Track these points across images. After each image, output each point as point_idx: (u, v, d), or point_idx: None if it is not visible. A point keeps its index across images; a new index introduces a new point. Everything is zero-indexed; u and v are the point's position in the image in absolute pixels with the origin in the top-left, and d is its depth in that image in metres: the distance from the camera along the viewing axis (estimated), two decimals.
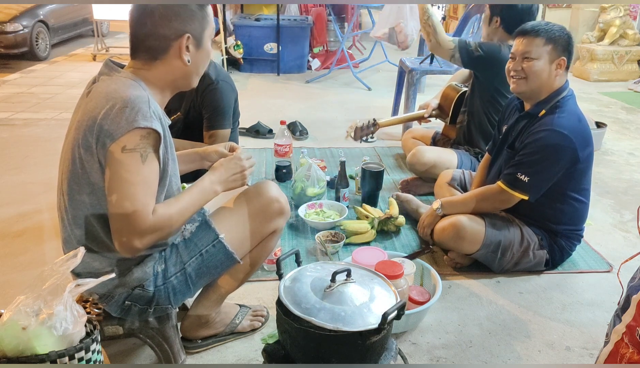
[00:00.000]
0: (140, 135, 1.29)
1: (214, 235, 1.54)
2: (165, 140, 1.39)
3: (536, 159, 2.04)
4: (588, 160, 2.13)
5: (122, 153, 1.28)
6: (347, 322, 1.21)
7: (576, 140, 2.03)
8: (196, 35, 1.40)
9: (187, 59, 1.41)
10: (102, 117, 1.29)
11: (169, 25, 1.36)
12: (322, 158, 3.42)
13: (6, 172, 3.20)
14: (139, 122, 1.28)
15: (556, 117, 2.05)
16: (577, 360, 1.78)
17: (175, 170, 1.51)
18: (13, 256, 2.30)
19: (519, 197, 2.09)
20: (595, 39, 6.45)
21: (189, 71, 1.44)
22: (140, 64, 1.41)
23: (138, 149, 1.29)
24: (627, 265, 1.48)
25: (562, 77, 2.11)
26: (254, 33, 6.14)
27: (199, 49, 1.43)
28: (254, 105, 4.67)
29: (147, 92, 1.37)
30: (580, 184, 2.16)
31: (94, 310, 1.55)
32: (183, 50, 1.39)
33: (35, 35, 6.81)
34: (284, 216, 1.65)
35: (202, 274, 1.56)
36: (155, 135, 1.32)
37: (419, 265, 2.09)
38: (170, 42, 1.38)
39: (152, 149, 1.32)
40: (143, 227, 1.30)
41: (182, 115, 2.59)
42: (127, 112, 1.28)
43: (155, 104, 1.36)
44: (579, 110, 2.13)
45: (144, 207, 1.30)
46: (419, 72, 4.00)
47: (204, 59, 1.47)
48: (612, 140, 4.07)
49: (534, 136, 2.06)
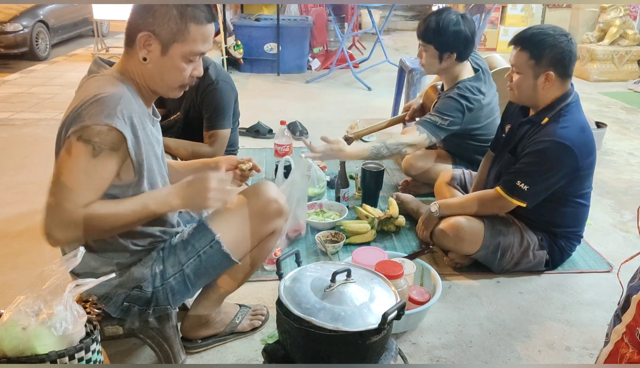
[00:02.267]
0: (99, 130, 1.28)
1: (211, 236, 1.54)
2: (138, 141, 1.37)
3: (537, 168, 2.02)
4: (590, 167, 2.11)
5: (76, 141, 1.28)
6: (347, 322, 1.21)
7: (578, 152, 1.99)
8: (162, 40, 1.36)
9: (143, 56, 1.38)
10: (73, 111, 1.31)
11: (141, 16, 1.36)
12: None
13: (6, 172, 3.20)
14: (101, 119, 1.28)
15: (559, 126, 2.00)
16: (577, 360, 1.78)
17: (161, 169, 1.51)
18: (13, 256, 2.31)
19: (516, 204, 2.08)
20: (595, 39, 6.45)
21: (150, 72, 1.40)
22: (124, 53, 1.43)
23: (92, 142, 1.28)
24: (627, 265, 1.47)
25: (557, 87, 2.04)
26: (254, 33, 6.14)
27: (163, 56, 1.38)
28: (254, 105, 4.67)
29: (126, 90, 1.37)
30: (582, 188, 2.14)
31: (94, 310, 1.55)
32: (139, 45, 1.37)
33: (35, 35, 6.81)
34: (282, 216, 1.64)
35: (200, 275, 1.56)
36: (117, 134, 1.30)
37: (419, 265, 2.08)
38: (137, 32, 1.37)
39: (109, 147, 1.30)
40: (67, 218, 1.26)
41: (182, 115, 2.59)
42: (93, 107, 1.29)
43: (129, 104, 1.35)
44: (583, 117, 2.08)
45: (76, 197, 1.27)
46: (419, 72, 3.99)
47: (167, 70, 1.40)
48: (612, 140, 4.07)
49: (536, 146, 2.02)
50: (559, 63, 2.01)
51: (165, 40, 1.37)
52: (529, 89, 2.06)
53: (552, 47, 1.99)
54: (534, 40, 2.01)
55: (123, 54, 1.43)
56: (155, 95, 1.49)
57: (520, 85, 2.07)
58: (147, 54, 1.38)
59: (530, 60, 2.02)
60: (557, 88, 2.05)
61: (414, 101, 3.26)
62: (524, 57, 2.03)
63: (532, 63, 2.02)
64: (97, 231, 1.34)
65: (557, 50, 2.00)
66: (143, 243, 1.49)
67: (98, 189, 1.32)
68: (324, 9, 6.65)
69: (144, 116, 1.43)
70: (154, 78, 1.42)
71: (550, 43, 2.00)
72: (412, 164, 2.86)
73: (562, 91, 2.06)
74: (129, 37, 1.39)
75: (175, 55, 1.39)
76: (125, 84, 1.39)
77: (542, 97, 2.07)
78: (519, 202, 2.07)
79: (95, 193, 1.31)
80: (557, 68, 2.01)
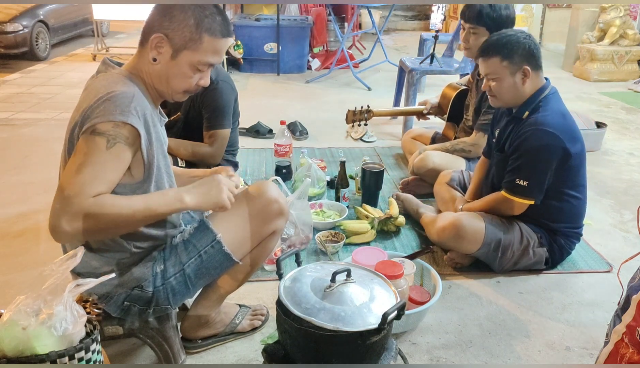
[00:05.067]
0: (114, 125, 1.29)
1: (212, 236, 1.54)
2: (150, 138, 1.38)
3: (528, 161, 2.06)
4: (580, 156, 2.14)
5: (89, 134, 1.28)
6: (347, 322, 1.21)
7: (562, 136, 2.04)
8: (173, 44, 1.38)
9: (153, 57, 1.40)
10: (85, 110, 1.31)
11: (157, 18, 1.38)
12: (322, 158, 3.42)
13: (6, 172, 3.20)
14: (115, 116, 1.28)
15: (539, 115, 2.08)
16: (577, 360, 1.78)
17: (168, 169, 1.51)
18: (13, 256, 2.31)
19: (524, 202, 2.10)
20: (595, 39, 6.44)
21: (158, 74, 1.42)
22: (137, 51, 1.44)
23: (107, 134, 1.28)
24: (627, 265, 1.48)
25: (535, 80, 2.12)
26: (254, 33, 6.14)
27: (172, 60, 1.40)
28: (254, 105, 4.67)
29: (136, 89, 1.37)
30: (575, 181, 2.17)
31: (94, 310, 1.55)
32: (151, 46, 1.39)
33: (35, 35, 6.81)
34: (283, 217, 1.64)
35: (201, 275, 1.56)
36: (131, 130, 1.31)
37: (419, 265, 2.09)
38: (151, 33, 1.38)
39: (124, 141, 1.30)
40: (76, 207, 1.22)
41: (182, 115, 2.59)
42: (107, 105, 1.29)
43: (142, 102, 1.36)
44: (562, 106, 2.15)
45: (86, 187, 1.24)
46: (419, 72, 4.00)
47: (174, 75, 1.42)
48: (612, 140, 4.07)
49: (521, 138, 2.09)
50: (530, 56, 2.09)
51: (176, 46, 1.38)
52: (510, 89, 2.13)
53: (518, 44, 2.09)
54: (500, 44, 2.10)
55: (136, 52, 1.45)
56: (159, 97, 1.50)
57: (500, 89, 2.14)
58: (158, 55, 1.40)
59: (502, 62, 2.09)
60: (533, 82, 2.12)
61: (430, 98, 3.32)
62: (496, 62, 2.11)
63: (506, 63, 2.09)
64: (104, 224, 1.27)
65: (524, 45, 2.09)
66: (145, 245, 1.49)
67: (109, 182, 1.30)
68: (324, 9, 6.65)
69: (154, 114, 1.44)
70: (160, 80, 1.43)
71: (515, 41, 2.09)
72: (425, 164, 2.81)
73: (538, 84, 2.14)
74: (143, 36, 1.41)
75: (184, 62, 1.40)
76: (135, 83, 1.40)
77: (522, 94, 2.14)
78: (525, 201, 2.10)
79: (106, 186, 1.29)
80: (529, 61, 2.09)
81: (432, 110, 3.23)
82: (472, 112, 2.87)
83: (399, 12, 10.44)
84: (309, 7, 6.96)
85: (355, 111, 3.25)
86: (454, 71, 4.06)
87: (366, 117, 3.25)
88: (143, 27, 1.42)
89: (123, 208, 1.29)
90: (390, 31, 9.92)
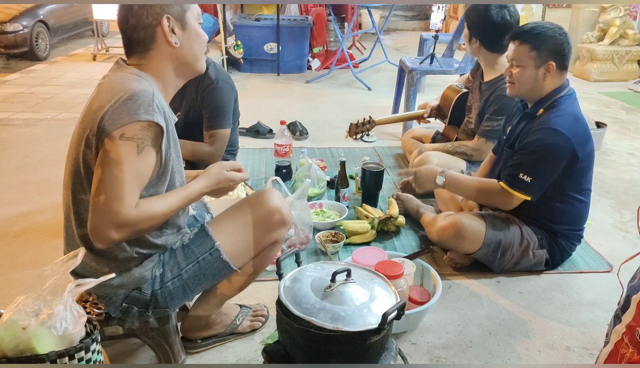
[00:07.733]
0: (141, 126, 1.29)
1: (211, 243, 1.52)
2: (169, 136, 1.38)
3: (535, 158, 2.05)
4: (588, 160, 2.13)
5: (118, 140, 1.27)
6: (347, 322, 1.21)
7: (573, 139, 2.03)
8: (177, 16, 1.41)
9: (174, 41, 1.41)
10: (106, 110, 1.29)
11: (148, 13, 1.38)
12: (322, 158, 3.42)
13: (6, 172, 3.20)
14: (140, 115, 1.28)
15: (552, 115, 2.06)
16: (577, 360, 1.78)
17: (180, 168, 1.51)
18: (13, 256, 2.30)
19: (520, 197, 2.09)
20: (596, 39, 6.45)
21: (183, 55, 1.44)
22: (137, 60, 1.43)
23: (136, 138, 1.28)
24: (627, 265, 1.48)
25: (556, 79, 2.11)
26: (254, 33, 6.14)
27: (185, 30, 1.43)
28: (254, 105, 4.67)
29: (152, 86, 1.37)
30: (581, 184, 2.16)
31: (94, 310, 1.56)
32: (168, 33, 1.40)
33: (35, 35, 6.81)
34: (285, 227, 1.62)
35: (198, 281, 1.54)
36: (157, 128, 1.32)
37: (419, 265, 2.08)
38: (155, 28, 1.39)
39: (151, 143, 1.31)
40: (123, 219, 1.27)
41: (182, 115, 2.59)
42: (130, 104, 1.28)
43: (160, 99, 1.37)
44: (577, 109, 2.13)
45: (129, 198, 1.27)
46: (419, 72, 4.00)
47: (194, 40, 1.46)
48: (612, 140, 4.07)
49: (532, 136, 2.07)
50: (559, 54, 2.07)
51: (180, 16, 1.42)
52: (530, 80, 2.11)
53: (552, 39, 2.07)
54: (534, 33, 2.08)
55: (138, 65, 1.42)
56: (179, 86, 1.51)
57: (521, 77, 2.12)
58: (175, 36, 1.41)
59: (531, 51, 2.08)
60: (555, 80, 2.11)
61: (430, 101, 3.30)
62: (524, 50, 2.09)
63: (534, 54, 2.08)
64: (146, 229, 1.37)
65: (557, 42, 2.07)
66: (145, 251, 1.47)
67: (141, 187, 1.33)
68: (324, 9, 6.65)
69: (170, 112, 1.44)
70: (186, 57, 1.46)
71: (550, 35, 2.07)
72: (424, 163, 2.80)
73: (558, 83, 2.12)
74: (145, 41, 1.40)
75: (191, 23, 1.45)
76: (149, 81, 1.39)
77: (541, 89, 2.12)
78: (523, 196, 2.09)
79: (140, 192, 1.32)
80: (557, 59, 2.07)
81: (432, 113, 3.21)
82: (474, 115, 2.86)
83: (399, 12, 10.44)
84: (309, 7, 6.96)
85: (358, 123, 3.23)
86: (454, 71, 4.05)
87: (368, 127, 3.24)
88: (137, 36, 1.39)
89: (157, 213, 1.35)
90: (390, 31, 9.92)
